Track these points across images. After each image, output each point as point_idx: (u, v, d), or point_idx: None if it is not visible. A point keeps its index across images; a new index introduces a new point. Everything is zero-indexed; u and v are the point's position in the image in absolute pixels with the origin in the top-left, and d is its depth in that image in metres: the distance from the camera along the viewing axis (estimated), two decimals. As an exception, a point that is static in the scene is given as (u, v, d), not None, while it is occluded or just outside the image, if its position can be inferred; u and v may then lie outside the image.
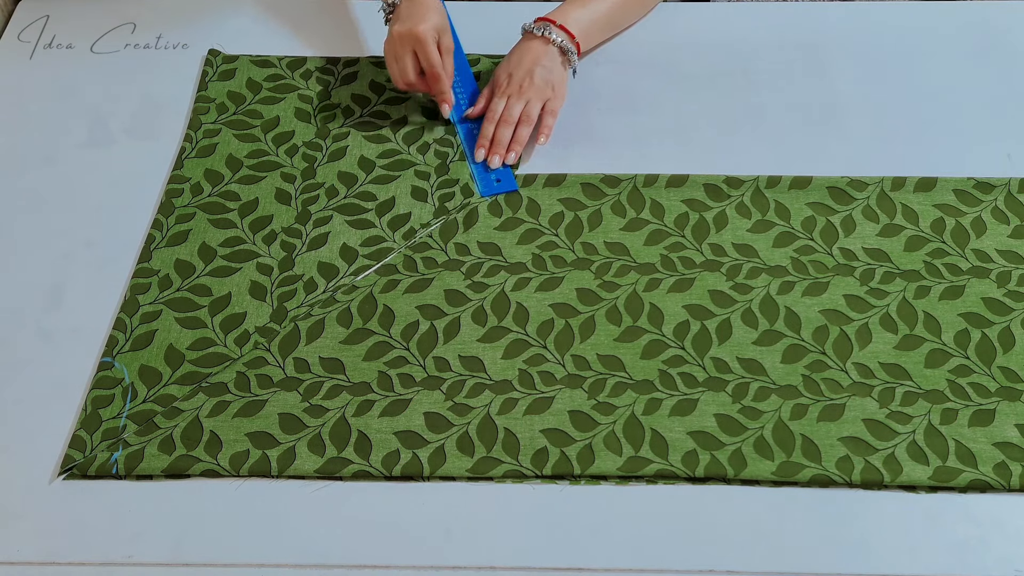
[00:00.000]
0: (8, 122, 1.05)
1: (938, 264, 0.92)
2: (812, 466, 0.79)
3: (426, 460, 0.80)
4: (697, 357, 0.86)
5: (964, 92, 1.07)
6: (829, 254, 0.92)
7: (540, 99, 1.01)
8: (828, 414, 0.82)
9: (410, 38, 0.99)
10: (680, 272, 0.91)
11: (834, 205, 0.96)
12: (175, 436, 0.81)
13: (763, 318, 0.88)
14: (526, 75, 1.02)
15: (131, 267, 0.92)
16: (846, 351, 0.86)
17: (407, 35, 0.99)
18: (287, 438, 0.81)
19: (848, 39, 1.13)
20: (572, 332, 0.87)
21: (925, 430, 0.81)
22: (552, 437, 0.81)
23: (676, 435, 0.81)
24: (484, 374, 0.85)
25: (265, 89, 1.07)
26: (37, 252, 0.94)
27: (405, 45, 1.00)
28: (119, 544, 0.76)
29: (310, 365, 0.85)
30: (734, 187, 0.97)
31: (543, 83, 1.02)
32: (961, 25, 1.14)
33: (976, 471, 0.79)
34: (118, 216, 0.96)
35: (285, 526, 0.77)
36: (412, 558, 0.75)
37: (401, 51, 1.00)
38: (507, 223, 0.95)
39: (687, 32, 1.14)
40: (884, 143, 1.02)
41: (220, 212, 0.96)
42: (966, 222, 0.95)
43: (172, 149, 1.02)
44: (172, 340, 0.87)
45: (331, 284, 0.91)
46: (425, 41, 0.99)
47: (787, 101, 1.07)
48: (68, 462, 0.80)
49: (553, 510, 0.78)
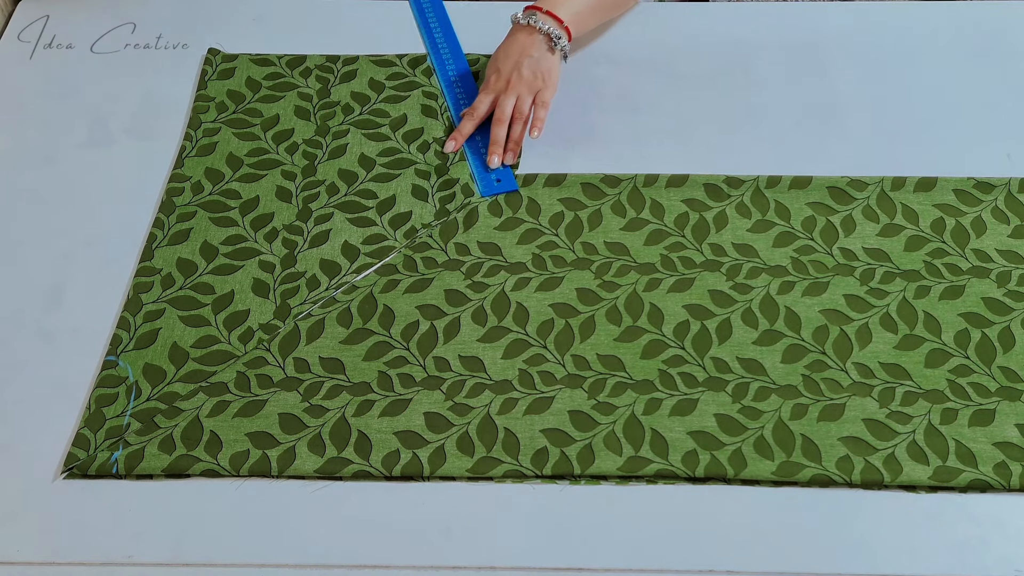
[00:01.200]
0: (8, 122, 1.05)
1: (938, 264, 0.92)
2: (812, 466, 0.79)
3: (426, 460, 0.80)
4: (697, 357, 0.86)
5: (964, 92, 1.07)
6: (829, 254, 0.92)
7: (530, 92, 1.01)
8: (828, 414, 0.82)
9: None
10: (680, 272, 0.91)
11: (834, 205, 0.96)
12: (175, 436, 0.81)
13: (763, 318, 0.88)
14: (513, 69, 1.01)
15: (131, 266, 0.92)
16: (846, 351, 0.86)
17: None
18: (287, 438, 0.81)
19: (848, 39, 1.13)
20: (572, 332, 0.87)
21: (925, 430, 0.81)
22: (552, 437, 0.81)
23: (676, 435, 0.81)
24: (484, 374, 0.85)
25: (265, 87, 1.07)
26: (37, 252, 0.94)
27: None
28: (119, 544, 0.76)
29: (310, 365, 0.85)
30: (734, 187, 0.97)
31: (532, 75, 1.01)
32: (961, 25, 1.14)
33: (976, 471, 0.79)
34: (118, 216, 0.96)
35: (285, 526, 0.77)
36: (412, 558, 0.75)
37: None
38: (507, 223, 0.95)
39: (687, 32, 1.14)
40: (884, 143, 1.02)
41: (221, 210, 0.96)
42: (966, 222, 0.95)
43: (172, 148, 1.02)
44: (176, 338, 0.87)
45: (333, 281, 0.91)
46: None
47: (787, 101, 1.07)
48: (71, 460, 0.80)
49: (553, 510, 0.78)
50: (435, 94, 1.07)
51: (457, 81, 1.07)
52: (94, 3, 1.17)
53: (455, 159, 1.01)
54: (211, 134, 1.03)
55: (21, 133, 1.04)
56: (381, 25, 1.10)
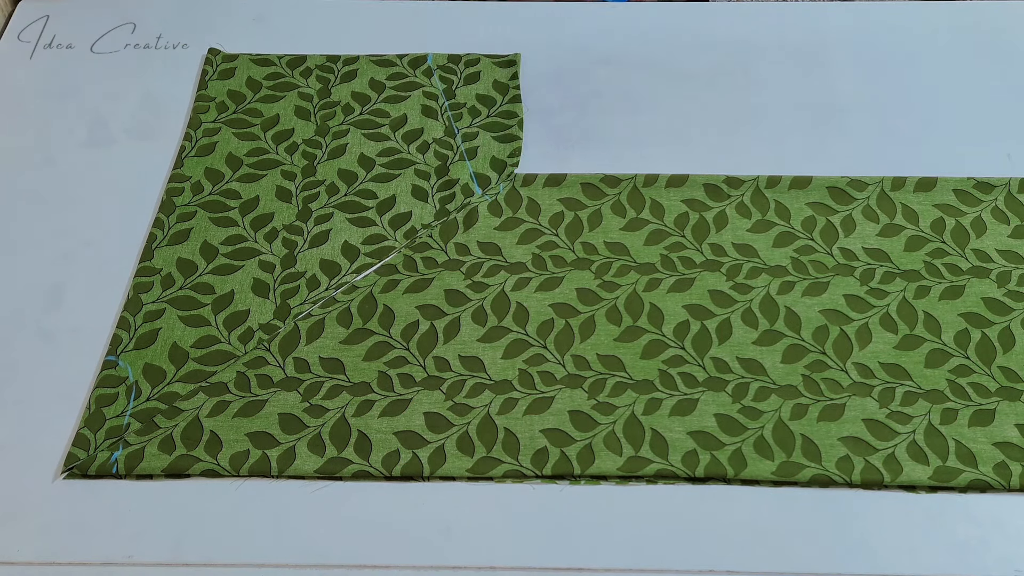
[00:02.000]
0: (8, 122, 1.05)
1: (938, 264, 0.92)
2: (812, 466, 0.79)
3: (426, 460, 0.80)
4: (697, 357, 0.86)
5: (964, 92, 1.07)
6: (829, 254, 0.92)
7: None
8: (828, 414, 0.82)
9: None
10: (680, 272, 0.91)
11: (834, 205, 0.96)
12: (175, 436, 0.81)
13: (763, 318, 0.88)
14: None
15: (131, 266, 0.92)
16: (846, 351, 0.86)
17: None
18: (287, 438, 0.81)
19: (848, 39, 1.13)
20: (572, 332, 0.87)
21: (925, 430, 0.81)
22: (552, 437, 0.81)
23: (676, 435, 0.81)
24: (484, 374, 0.85)
25: (265, 87, 1.07)
26: (37, 252, 0.94)
27: None
28: (119, 544, 0.76)
29: (310, 365, 0.85)
30: (734, 187, 0.97)
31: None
32: (961, 25, 1.14)
33: (976, 471, 0.79)
34: (118, 216, 0.96)
35: (285, 526, 0.77)
36: (412, 558, 0.75)
37: None
38: (507, 223, 0.95)
39: (687, 32, 1.14)
40: (884, 143, 1.02)
41: (221, 210, 0.96)
42: (966, 222, 0.95)
43: (172, 148, 1.02)
44: (176, 338, 0.87)
45: (333, 281, 0.91)
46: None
47: (787, 101, 1.07)
48: (71, 460, 0.80)
49: (553, 510, 0.78)
50: (435, 94, 1.07)
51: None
52: (94, 3, 1.17)
53: (454, 158, 1.01)
54: (211, 134, 1.03)
55: (21, 133, 1.04)
56: (382, 25, 1.09)
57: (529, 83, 1.08)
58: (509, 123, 1.04)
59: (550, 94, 1.08)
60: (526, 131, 1.04)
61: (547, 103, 1.07)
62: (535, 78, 1.09)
